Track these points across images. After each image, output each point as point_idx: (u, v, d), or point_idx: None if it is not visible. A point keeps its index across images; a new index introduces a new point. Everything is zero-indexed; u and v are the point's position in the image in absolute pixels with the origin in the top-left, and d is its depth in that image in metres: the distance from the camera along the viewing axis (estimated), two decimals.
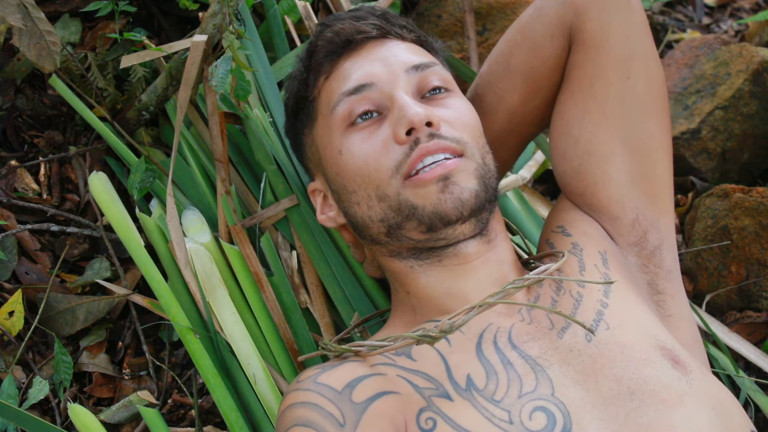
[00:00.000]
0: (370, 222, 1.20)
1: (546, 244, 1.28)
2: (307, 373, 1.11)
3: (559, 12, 1.27)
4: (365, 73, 1.21)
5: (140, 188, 1.45)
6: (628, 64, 1.25)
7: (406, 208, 1.15)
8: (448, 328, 1.05)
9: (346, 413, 1.03)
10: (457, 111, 1.20)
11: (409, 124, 1.14)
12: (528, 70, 1.31)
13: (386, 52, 1.23)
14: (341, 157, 1.20)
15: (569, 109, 1.28)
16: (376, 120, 1.19)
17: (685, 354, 1.12)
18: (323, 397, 1.05)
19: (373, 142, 1.17)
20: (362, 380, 1.08)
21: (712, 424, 1.03)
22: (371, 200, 1.18)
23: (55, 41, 1.38)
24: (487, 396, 1.05)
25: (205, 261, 1.40)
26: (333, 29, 1.25)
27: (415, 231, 1.16)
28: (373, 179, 1.17)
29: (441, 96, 1.21)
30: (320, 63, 1.25)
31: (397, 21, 1.28)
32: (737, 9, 2.32)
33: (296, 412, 1.05)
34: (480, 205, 1.16)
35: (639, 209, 1.26)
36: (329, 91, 1.24)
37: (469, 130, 1.19)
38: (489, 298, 1.09)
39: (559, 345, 1.10)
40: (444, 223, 1.14)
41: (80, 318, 1.45)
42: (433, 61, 1.24)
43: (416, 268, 1.20)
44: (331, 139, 1.22)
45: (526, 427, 1.01)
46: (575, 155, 1.27)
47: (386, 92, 1.18)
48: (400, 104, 1.16)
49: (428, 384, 1.08)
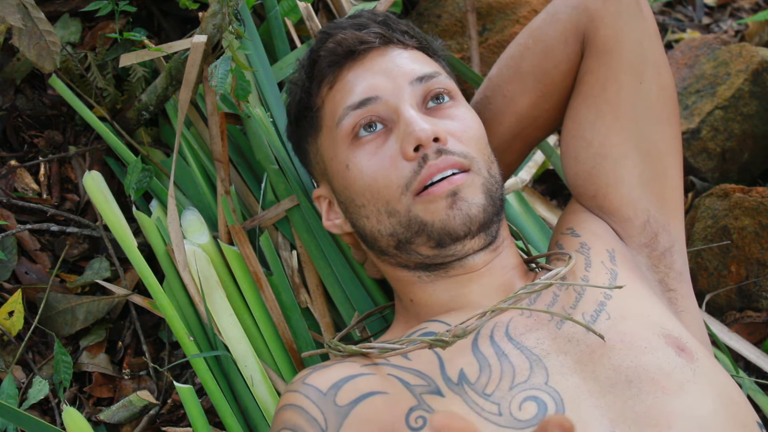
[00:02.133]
0: (379, 235, 1.20)
1: (556, 246, 1.28)
2: (299, 375, 1.12)
3: (573, 17, 1.28)
4: (369, 85, 1.20)
5: (137, 188, 1.44)
6: (640, 70, 1.25)
7: (416, 224, 1.15)
8: (461, 333, 1.06)
9: (329, 417, 1.05)
10: (462, 122, 1.20)
11: (417, 141, 1.13)
12: (539, 73, 1.31)
13: (389, 63, 1.22)
14: (349, 172, 1.19)
15: (582, 113, 1.28)
16: (381, 133, 1.18)
17: (693, 342, 1.11)
18: (308, 399, 1.07)
19: (381, 158, 1.17)
20: (349, 381, 1.08)
21: (716, 411, 1.02)
22: (381, 215, 1.18)
23: (54, 41, 1.38)
24: (478, 390, 1.05)
25: (203, 263, 1.40)
26: (335, 39, 1.24)
27: (424, 246, 1.16)
28: (383, 195, 1.16)
29: (446, 106, 1.21)
30: (323, 73, 1.24)
31: (399, 27, 1.27)
32: (737, 9, 2.32)
33: (285, 415, 1.08)
34: (488, 218, 1.15)
35: (650, 212, 1.26)
36: (333, 103, 1.23)
37: (474, 142, 1.19)
38: (501, 303, 1.09)
39: (557, 335, 1.09)
40: (452, 239, 1.14)
41: (80, 318, 1.45)
42: (437, 71, 1.23)
43: (423, 278, 1.20)
44: (336, 152, 1.22)
45: (515, 417, 1.01)
46: (587, 158, 1.28)
47: (392, 105, 1.17)
48: (406, 119, 1.15)
49: (420, 381, 1.08)
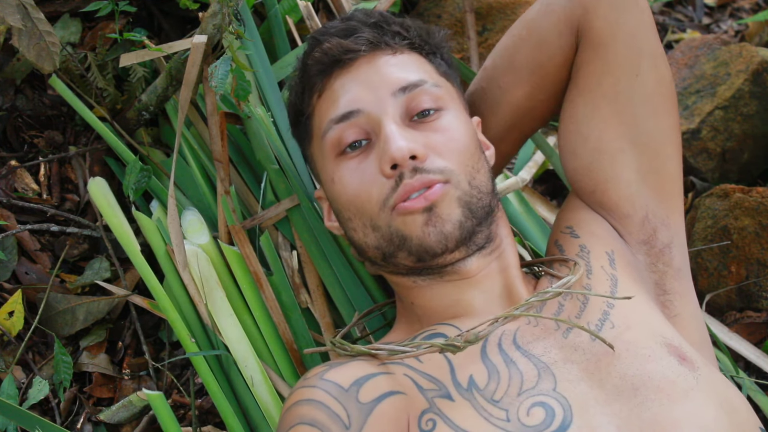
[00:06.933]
0: (366, 247, 1.20)
1: (555, 246, 1.28)
2: (314, 371, 1.10)
3: (567, 9, 1.27)
4: (352, 98, 1.19)
5: (136, 189, 1.44)
6: (636, 62, 1.24)
7: (397, 238, 1.15)
8: (473, 339, 1.06)
9: (352, 414, 1.02)
10: (445, 134, 1.18)
11: (392, 161, 1.13)
12: (534, 65, 1.31)
13: (374, 74, 1.20)
14: (334, 186, 1.20)
15: (578, 107, 1.28)
16: (364, 149, 1.18)
17: (692, 351, 1.12)
18: (329, 395, 1.04)
19: (362, 174, 1.17)
20: (370, 379, 1.07)
21: (719, 419, 1.03)
22: (366, 228, 1.18)
23: (54, 41, 1.38)
24: (487, 396, 1.05)
25: (203, 263, 1.40)
26: (321, 48, 1.23)
27: (406, 260, 1.17)
28: (366, 210, 1.17)
29: (430, 118, 1.18)
30: (312, 81, 1.25)
31: (391, 27, 1.25)
32: (737, 9, 2.32)
33: (302, 410, 1.04)
34: (465, 234, 1.14)
35: (649, 207, 1.26)
36: (320, 113, 1.23)
37: (456, 154, 1.16)
38: (513, 310, 1.10)
39: (564, 344, 1.10)
40: (430, 255, 1.14)
41: (80, 318, 1.45)
42: (422, 79, 1.20)
43: (420, 283, 1.20)
44: (324, 164, 1.23)
45: (523, 423, 1.02)
46: (585, 153, 1.27)
47: (373, 118, 1.17)
48: (386, 135, 1.14)
49: (432, 385, 1.08)
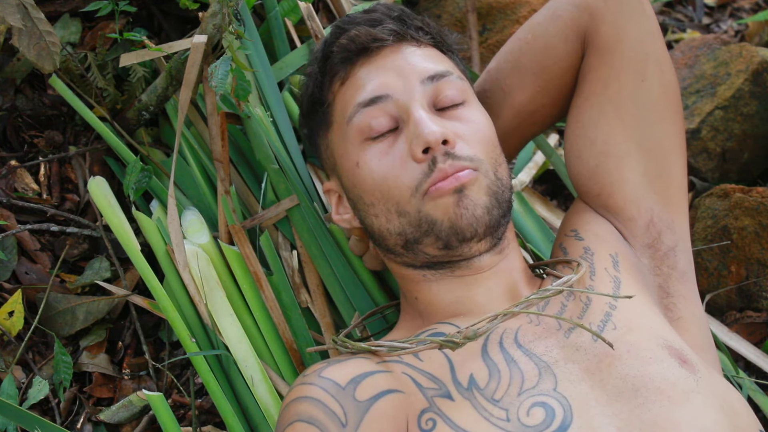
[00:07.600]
0: (388, 234, 1.20)
1: (559, 249, 1.28)
2: (313, 367, 1.10)
3: (574, 15, 1.28)
4: (380, 83, 1.20)
5: (136, 188, 1.44)
6: (642, 68, 1.26)
7: (425, 223, 1.15)
8: (472, 335, 1.06)
9: (349, 412, 1.03)
10: (472, 125, 1.19)
11: (425, 144, 1.13)
12: (538, 69, 1.31)
13: (402, 61, 1.21)
14: (358, 170, 1.20)
15: (585, 112, 1.28)
16: (391, 134, 1.18)
17: (693, 354, 1.12)
18: (326, 392, 1.04)
19: (391, 158, 1.17)
20: (367, 376, 1.07)
21: (720, 422, 1.03)
22: (390, 214, 1.18)
23: (54, 41, 1.38)
24: (488, 395, 1.05)
25: (203, 263, 1.40)
26: (348, 35, 1.23)
27: (431, 247, 1.16)
28: (393, 195, 1.16)
29: (456, 109, 1.20)
30: (335, 69, 1.24)
31: (414, 22, 1.27)
32: (737, 9, 2.32)
33: (299, 407, 1.04)
34: (494, 221, 1.15)
35: (654, 210, 1.26)
36: (344, 100, 1.23)
37: (483, 144, 1.18)
38: (513, 307, 1.09)
39: (565, 344, 1.10)
40: (459, 239, 1.14)
41: (80, 318, 1.45)
42: (449, 70, 1.22)
43: (428, 277, 1.20)
44: (347, 149, 1.22)
45: (523, 423, 1.02)
46: (591, 157, 1.28)
47: (402, 104, 1.17)
48: (416, 120, 1.15)
49: (432, 384, 1.08)
